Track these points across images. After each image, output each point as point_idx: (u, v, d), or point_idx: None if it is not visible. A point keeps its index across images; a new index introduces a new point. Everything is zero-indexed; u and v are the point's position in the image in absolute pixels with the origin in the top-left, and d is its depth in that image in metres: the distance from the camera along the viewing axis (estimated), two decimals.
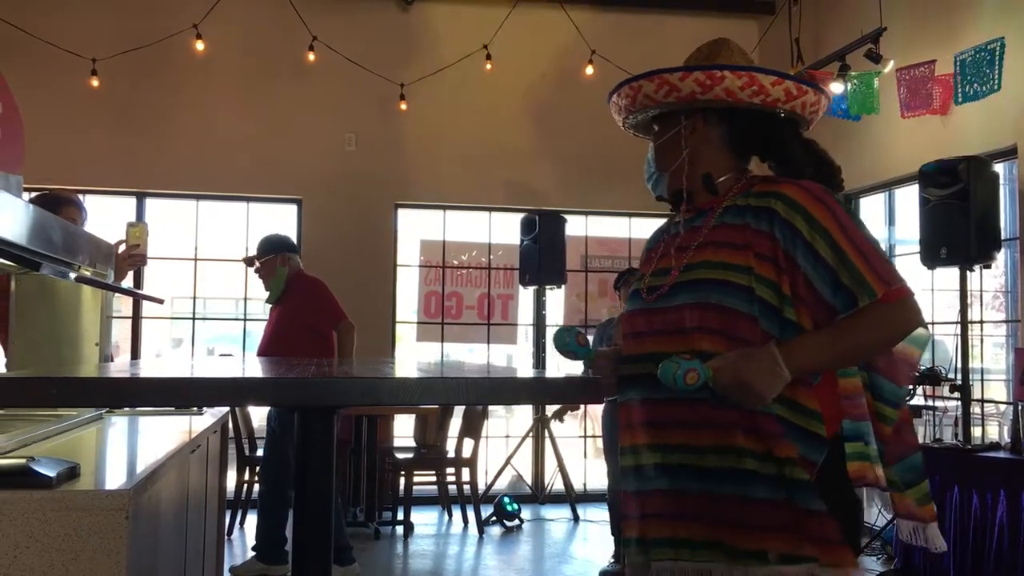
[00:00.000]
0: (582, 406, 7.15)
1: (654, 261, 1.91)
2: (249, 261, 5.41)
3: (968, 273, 5.02)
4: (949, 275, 5.33)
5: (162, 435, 2.41)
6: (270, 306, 5.38)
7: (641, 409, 1.84)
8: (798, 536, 1.66)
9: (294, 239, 7.35)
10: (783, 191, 1.74)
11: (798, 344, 1.68)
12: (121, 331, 7.29)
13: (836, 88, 5.87)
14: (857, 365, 1.80)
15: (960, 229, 4.78)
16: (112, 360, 3.20)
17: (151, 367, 2.36)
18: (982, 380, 5.75)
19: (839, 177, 1.86)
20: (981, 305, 5.71)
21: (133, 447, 2.33)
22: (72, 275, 2.44)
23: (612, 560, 5.27)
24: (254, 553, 5.14)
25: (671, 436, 1.77)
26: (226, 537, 5.64)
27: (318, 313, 5.14)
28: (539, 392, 1.87)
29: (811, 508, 1.66)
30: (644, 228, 8.14)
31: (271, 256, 5.25)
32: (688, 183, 1.88)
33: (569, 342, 1.87)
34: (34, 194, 3.91)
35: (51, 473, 1.47)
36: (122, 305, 7.10)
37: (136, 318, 7.31)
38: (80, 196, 7.00)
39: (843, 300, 1.68)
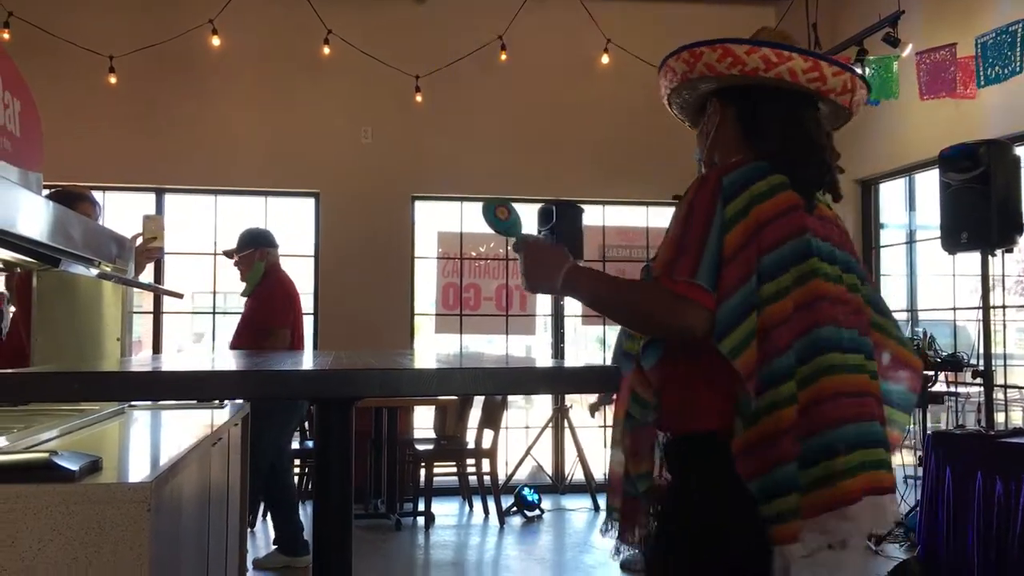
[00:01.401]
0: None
1: None
2: (228, 254, 5.46)
3: (990, 258, 4.96)
4: (970, 260, 5.28)
5: (183, 428, 2.43)
6: (244, 299, 5.43)
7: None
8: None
9: (312, 233, 7.42)
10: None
11: (589, 270, 1.86)
12: (142, 326, 7.35)
13: None
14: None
15: (981, 213, 4.73)
16: (133, 355, 3.23)
17: (172, 361, 2.38)
18: (1005, 365, 5.70)
19: (806, 160, 1.79)
20: (1003, 290, 5.65)
21: (155, 440, 2.35)
22: (93, 271, 2.46)
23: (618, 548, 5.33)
24: (275, 546, 5.18)
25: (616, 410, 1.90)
26: (249, 529, 5.67)
27: (263, 310, 5.19)
28: (557, 382, 1.87)
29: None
30: (662, 217, 8.12)
31: (250, 250, 5.31)
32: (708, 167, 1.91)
33: (489, 218, 1.91)
34: (48, 191, 3.93)
35: (74, 467, 1.48)
36: (143, 300, 7.15)
37: (157, 313, 7.36)
38: (99, 193, 7.09)
39: (646, 273, 1.78)
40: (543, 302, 7.87)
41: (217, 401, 2.90)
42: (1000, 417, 5.46)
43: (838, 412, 1.64)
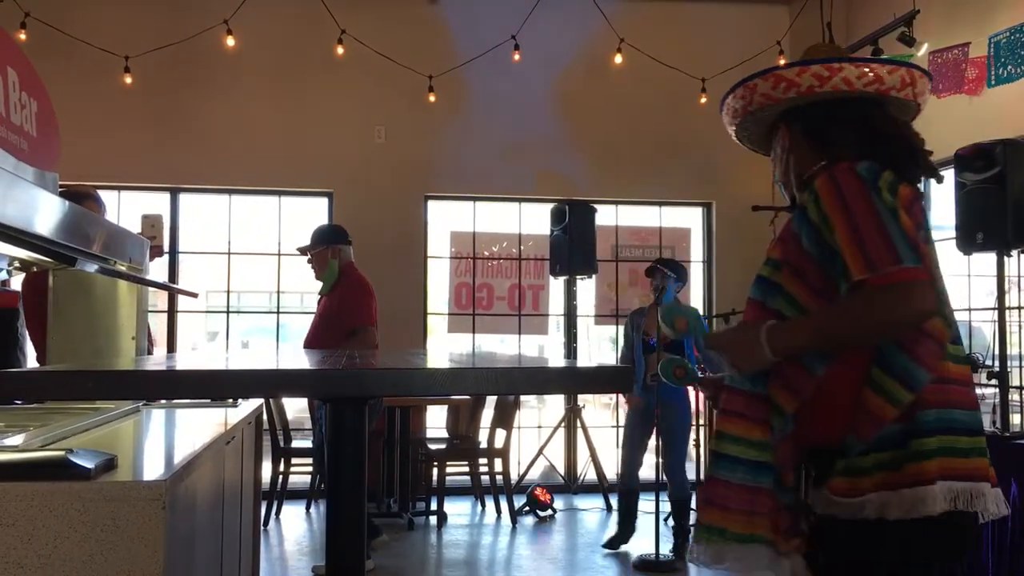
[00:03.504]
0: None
1: None
2: (302, 251, 5.42)
3: (1005, 258, 4.93)
4: (986, 260, 5.24)
5: (198, 427, 2.44)
6: (319, 297, 5.39)
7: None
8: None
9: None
10: (815, 180, 1.75)
11: (784, 325, 1.70)
12: (157, 325, 7.37)
13: None
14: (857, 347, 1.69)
15: (997, 213, 4.70)
16: (149, 353, 3.24)
17: (186, 360, 2.39)
18: (1020, 366, 5.66)
19: (899, 154, 1.81)
20: (1019, 290, 5.61)
21: (170, 439, 2.36)
22: (108, 270, 2.48)
23: (617, 544, 5.57)
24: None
25: (727, 424, 1.82)
26: (262, 528, 5.70)
27: (346, 311, 5.12)
28: (569, 381, 1.87)
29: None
30: (674, 217, 8.11)
31: (322, 248, 5.25)
32: (793, 188, 1.94)
33: (669, 377, 2.02)
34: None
35: (89, 465, 1.50)
36: (157, 299, 7.18)
37: (172, 312, 7.38)
38: (114, 192, 7.13)
39: (846, 284, 1.66)
40: (555, 301, 7.86)
41: (231, 400, 2.91)
42: (1016, 419, 5.42)
43: (955, 395, 1.71)
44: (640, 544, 5.56)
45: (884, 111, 1.88)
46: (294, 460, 6.47)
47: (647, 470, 5.71)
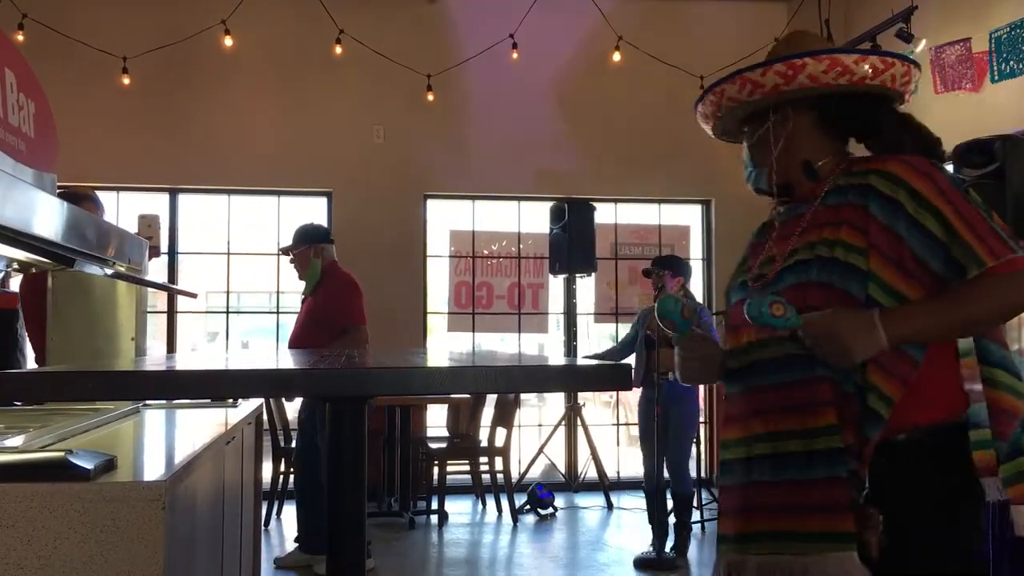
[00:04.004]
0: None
1: (761, 251, 1.93)
2: (284, 251, 5.41)
3: None
4: None
5: (197, 427, 2.44)
6: (303, 296, 5.38)
7: (742, 400, 1.84)
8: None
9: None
10: (887, 167, 1.73)
11: (899, 311, 1.65)
12: (157, 326, 7.38)
13: None
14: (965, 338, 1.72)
15: (996, 209, 4.65)
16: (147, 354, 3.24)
17: (186, 360, 2.39)
18: (1020, 363, 5.66)
19: (940, 148, 1.85)
20: None
21: (169, 439, 2.36)
22: (107, 271, 2.48)
23: (650, 548, 5.27)
24: (296, 544, 5.19)
25: (776, 423, 1.75)
26: (263, 528, 5.70)
27: (337, 311, 5.08)
28: (569, 379, 1.87)
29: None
30: (674, 215, 8.11)
31: (304, 247, 5.23)
32: (788, 174, 1.90)
33: (673, 310, 1.86)
34: None
35: (89, 465, 1.49)
36: (157, 300, 7.18)
37: (171, 312, 7.37)
38: (113, 193, 7.13)
39: (954, 272, 1.66)
40: (555, 300, 7.86)
41: (231, 400, 2.91)
42: None
43: None
44: (636, 541, 5.56)
45: (891, 104, 1.89)
46: (293, 459, 6.46)
47: (635, 465, 5.67)
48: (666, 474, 5.34)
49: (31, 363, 4.13)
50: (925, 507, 1.66)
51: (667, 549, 5.26)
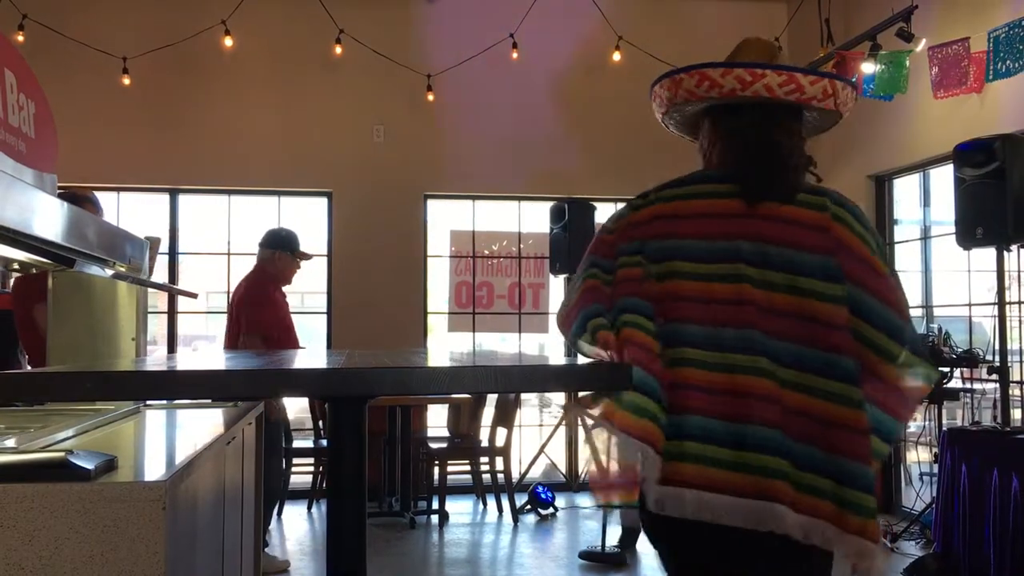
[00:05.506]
0: None
1: None
2: (306, 256, 5.54)
3: (1005, 253, 4.93)
4: (986, 256, 5.25)
5: (198, 427, 2.44)
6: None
7: None
8: None
9: (325, 232, 7.43)
10: (841, 201, 1.90)
11: None
12: (157, 326, 7.39)
13: (868, 68, 5.79)
14: None
15: (996, 208, 4.70)
16: (148, 355, 3.24)
17: (186, 360, 2.39)
18: (1021, 361, 5.66)
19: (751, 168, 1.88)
20: (1019, 285, 5.61)
21: (170, 439, 2.36)
22: (108, 271, 2.48)
23: (615, 545, 5.41)
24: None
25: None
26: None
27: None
28: (570, 379, 1.87)
29: None
30: None
31: (270, 252, 5.37)
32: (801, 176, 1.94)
33: None
34: None
35: (89, 466, 1.49)
36: (157, 300, 7.18)
37: (172, 313, 7.39)
38: (113, 194, 7.13)
39: None
40: (556, 300, 7.86)
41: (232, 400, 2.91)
42: (1016, 413, 5.42)
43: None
44: (640, 539, 5.57)
45: (790, 123, 1.90)
46: (295, 460, 6.47)
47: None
48: None
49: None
50: None
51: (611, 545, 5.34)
